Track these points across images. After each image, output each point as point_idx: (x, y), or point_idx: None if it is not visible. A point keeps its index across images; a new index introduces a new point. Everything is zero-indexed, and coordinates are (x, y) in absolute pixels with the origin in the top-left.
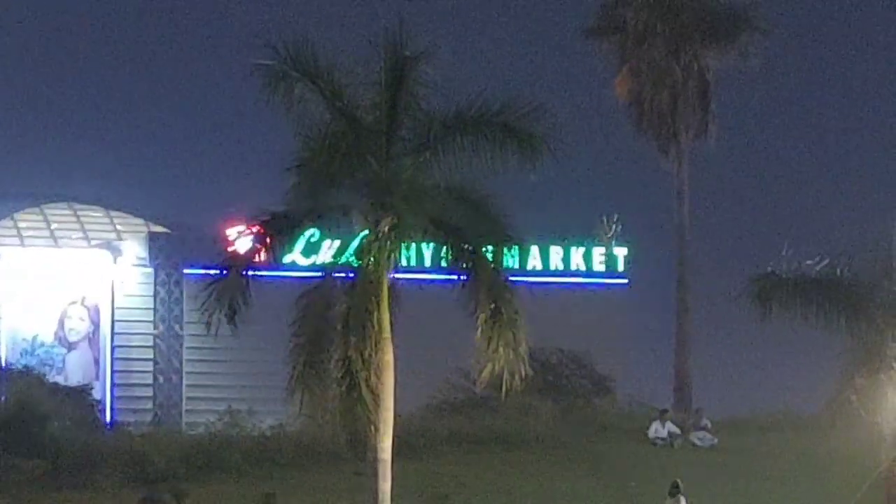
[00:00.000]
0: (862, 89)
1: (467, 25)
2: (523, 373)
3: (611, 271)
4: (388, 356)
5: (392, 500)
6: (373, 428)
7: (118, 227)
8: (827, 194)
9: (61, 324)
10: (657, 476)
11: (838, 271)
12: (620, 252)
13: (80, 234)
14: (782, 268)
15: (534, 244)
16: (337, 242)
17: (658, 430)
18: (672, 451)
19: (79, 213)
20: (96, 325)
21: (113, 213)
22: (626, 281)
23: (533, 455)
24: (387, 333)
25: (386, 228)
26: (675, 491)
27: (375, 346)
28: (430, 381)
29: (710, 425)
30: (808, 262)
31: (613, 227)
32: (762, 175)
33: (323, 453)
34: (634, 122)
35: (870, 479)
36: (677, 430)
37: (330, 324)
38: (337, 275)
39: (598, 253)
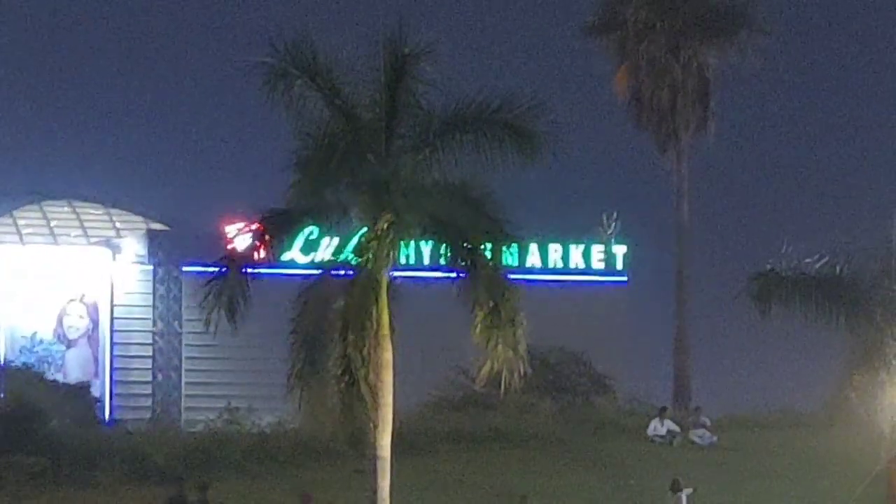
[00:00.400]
0: (862, 89)
1: (467, 23)
2: (522, 371)
3: (610, 269)
4: (388, 354)
5: (391, 497)
6: (372, 425)
7: (117, 224)
8: (827, 193)
9: (60, 321)
10: (656, 474)
11: (838, 269)
12: (619, 250)
13: (80, 232)
14: (782, 266)
15: (533, 242)
16: (336, 240)
17: (657, 427)
18: (671, 449)
19: (78, 210)
20: (95, 322)
21: (112, 211)
22: (625, 279)
23: (532, 453)
24: (386, 331)
25: (385, 226)
26: (676, 487)
27: (374, 343)
28: (430, 378)
29: (709, 423)
30: (808, 260)
31: (612, 224)
32: (762, 173)
33: (322, 451)
34: (634, 120)
35: (869, 477)
36: (676, 428)
37: (329, 321)
38: (336, 272)
39: (597, 251)
